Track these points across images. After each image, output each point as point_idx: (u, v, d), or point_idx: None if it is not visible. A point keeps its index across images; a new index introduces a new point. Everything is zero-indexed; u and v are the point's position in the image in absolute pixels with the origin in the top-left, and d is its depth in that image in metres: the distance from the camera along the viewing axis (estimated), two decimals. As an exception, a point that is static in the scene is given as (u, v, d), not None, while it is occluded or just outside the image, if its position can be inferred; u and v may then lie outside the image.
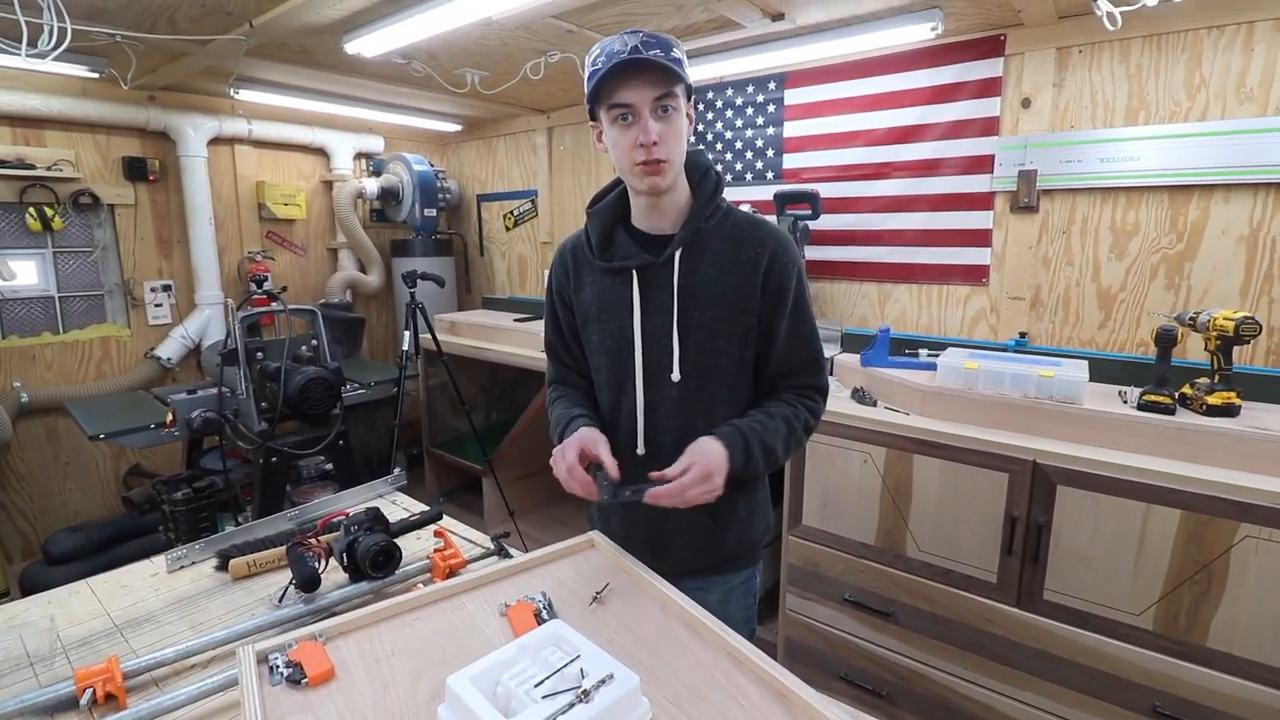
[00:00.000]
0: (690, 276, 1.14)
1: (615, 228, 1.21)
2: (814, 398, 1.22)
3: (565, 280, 1.27)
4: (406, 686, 0.79)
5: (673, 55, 1.04)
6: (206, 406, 2.49)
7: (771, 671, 0.78)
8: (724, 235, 1.15)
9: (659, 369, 1.17)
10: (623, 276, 1.18)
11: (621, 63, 1.00)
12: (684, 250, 1.14)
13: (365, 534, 1.18)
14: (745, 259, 1.14)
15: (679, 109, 1.07)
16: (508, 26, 2.24)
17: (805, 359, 1.20)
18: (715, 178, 1.19)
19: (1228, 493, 1.47)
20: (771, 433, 1.13)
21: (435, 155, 4.48)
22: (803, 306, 1.18)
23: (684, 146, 1.11)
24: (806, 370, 1.21)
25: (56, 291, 3.15)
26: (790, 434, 1.16)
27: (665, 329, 1.15)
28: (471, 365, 3.61)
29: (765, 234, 1.16)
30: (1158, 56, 2.00)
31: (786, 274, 1.15)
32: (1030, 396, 1.81)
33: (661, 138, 1.05)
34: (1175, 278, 2.05)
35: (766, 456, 1.12)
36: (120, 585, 1.22)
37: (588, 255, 1.23)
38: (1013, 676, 1.79)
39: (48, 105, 2.90)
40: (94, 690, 0.87)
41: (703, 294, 1.14)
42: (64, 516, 3.21)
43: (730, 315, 1.15)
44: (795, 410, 1.18)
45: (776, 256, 1.14)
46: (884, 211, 2.57)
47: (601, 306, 1.21)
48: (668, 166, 1.08)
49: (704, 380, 1.16)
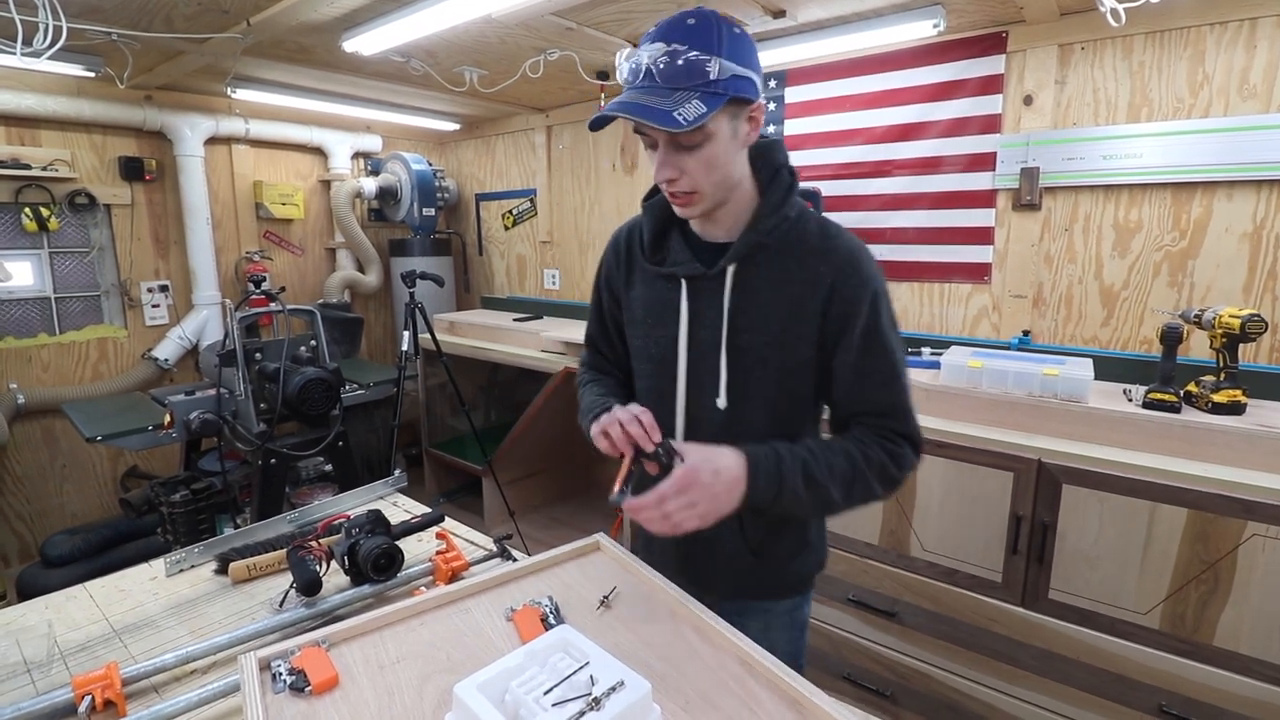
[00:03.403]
0: (744, 293, 1.00)
1: (670, 227, 1.09)
2: (896, 440, 0.98)
3: (616, 271, 1.16)
4: (412, 694, 0.78)
5: (707, 79, 0.86)
6: (204, 408, 2.47)
7: (784, 676, 0.77)
8: (788, 247, 1.00)
9: (703, 391, 1.05)
10: (672, 283, 1.06)
11: (620, 105, 0.88)
12: (739, 264, 1.00)
13: (366, 536, 1.16)
14: (805, 279, 0.98)
15: (711, 136, 0.90)
16: (507, 24, 2.22)
17: (880, 402, 0.99)
18: (788, 179, 1.02)
19: (1234, 491, 1.47)
20: (823, 465, 0.93)
21: (434, 154, 4.47)
22: (876, 338, 0.98)
23: (723, 171, 0.95)
24: (884, 415, 1.00)
25: (52, 292, 3.13)
26: (854, 473, 0.94)
27: (712, 348, 1.03)
28: (471, 365, 3.60)
29: (834, 248, 0.98)
30: (1160, 53, 1.99)
31: (855, 298, 0.97)
32: (1035, 395, 1.80)
33: (685, 170, 0.92)
34: (1178, 275, 2.04)
35: (812, 493, 0.92)
36: (118, 589, 1.20)
37: (639, 252, 1.12)
38: (1018, 676, 1.78)
39: (43, 105, 2.88)
40: (92, 697, 0.85)
41: (755, 314, 1.00)
42: (61, 519, 3.19)
43: (782, 341, 1.00)
44: (866, 448, 0.97)
45: (844, 277, 0.97)
46: (885, 209, 2.56)
47: (648, 310, 1.10)
48: (697, 198, 0.96)
49: (751, 410, 1.03)
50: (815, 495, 0.93)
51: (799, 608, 1.18)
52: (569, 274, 3.92)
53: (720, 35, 0.87)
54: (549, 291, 4.04)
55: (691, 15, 0.88)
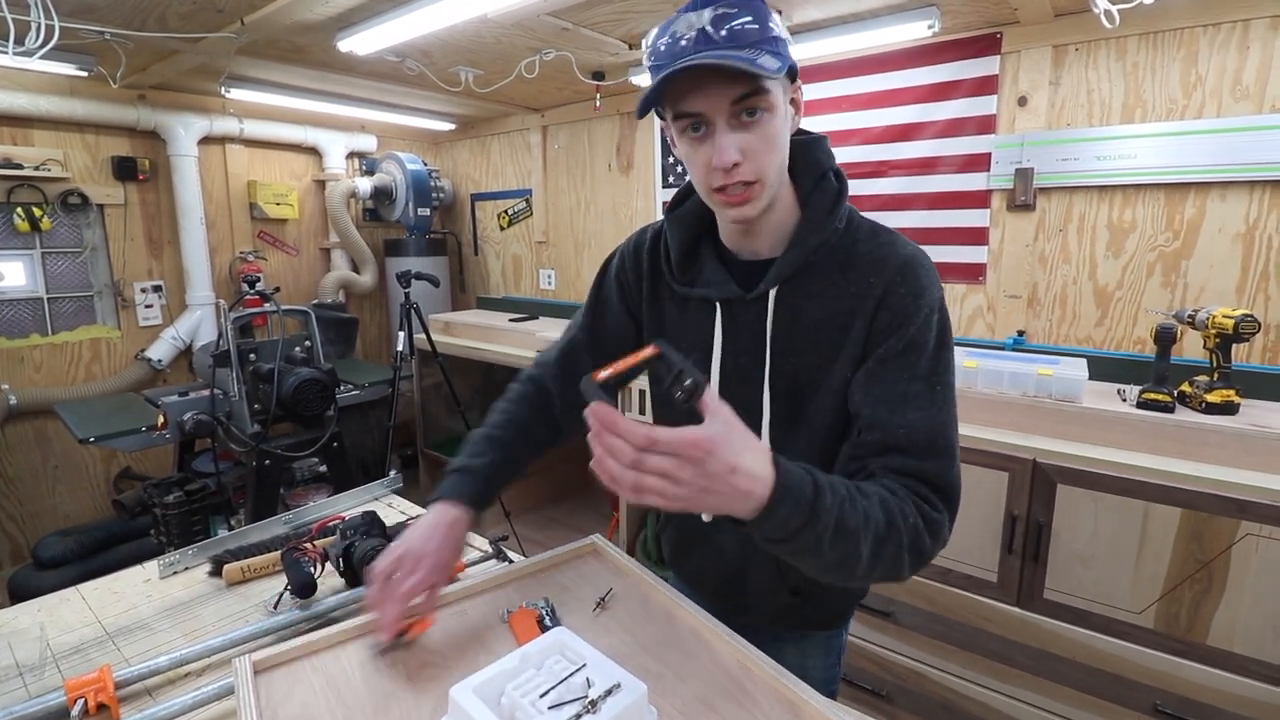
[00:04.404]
0: (787, 316, 0.88)
1: (700, 242, 0.95)
2: (931, 501, 0.77)
3: (636, 283, 1.03)
4: (408, 697, 0.78)
5: (768, 35, 0.76)
6: (198, 409, 2.46)
7: (782, 679, 0.77)
8: (836, 259, 0.87)
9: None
10: (705, 306, 0.93)
11: (685, 69, 0.74)
12: (780, 286, 0.88)
13: (362, 538, 1.16)
14: (855, 291, 0.85)
15: (773, 108, 0.78)
16: (503, 24, 2.22)
17: (917, 436, 0.78)
18: (835, 185, 0.90)
19: (1228, 490, 1.47)
20: (859, 510, 0.70)
21: (429, 154, 4.46)
22: (920, 357, 0.81)
23: (782, 155, 0.83)
24: (921, 454, 0.78)
25: (45, 293, 3.11)
26: (888, 530, 0.71)
27: (752, 376, 0.90)
28: (466, 365, 3.59)
29: (887, 254, 0.86)
30: (1154, 54, 2.00)
31: (905, 309, 0.82)
32: (1030, 395, 1.81)
33: (747, 152, 0.78)
34: (1172, 275, 2.05)
35: (839, 540, 0.68)
36: (111, 591, 1.19)
37: (665, 269, 0.98)
38: (1013, 676, 1.79)
39: (35, 104, 2.86)
40: (85, 701, 0.84)
41: (803, 336, 0.87)
42: (53, 520, 3.17)
43: (829, 364, 0.86)
44: (902, 503, 0.74)
45: (894, 287, 0.83)
46: (880, 210, 2.56)
47: (677, 335, 0.97)
48: (759, 189, 0.81)
49: (798, 441, 0.89)
50: (842, 545, 0.69)
51: (836, 636, 1.10)
52: (564, 274, 3.91)
53: (763, 4, 0.79)
54: (544, 292, 4.03)
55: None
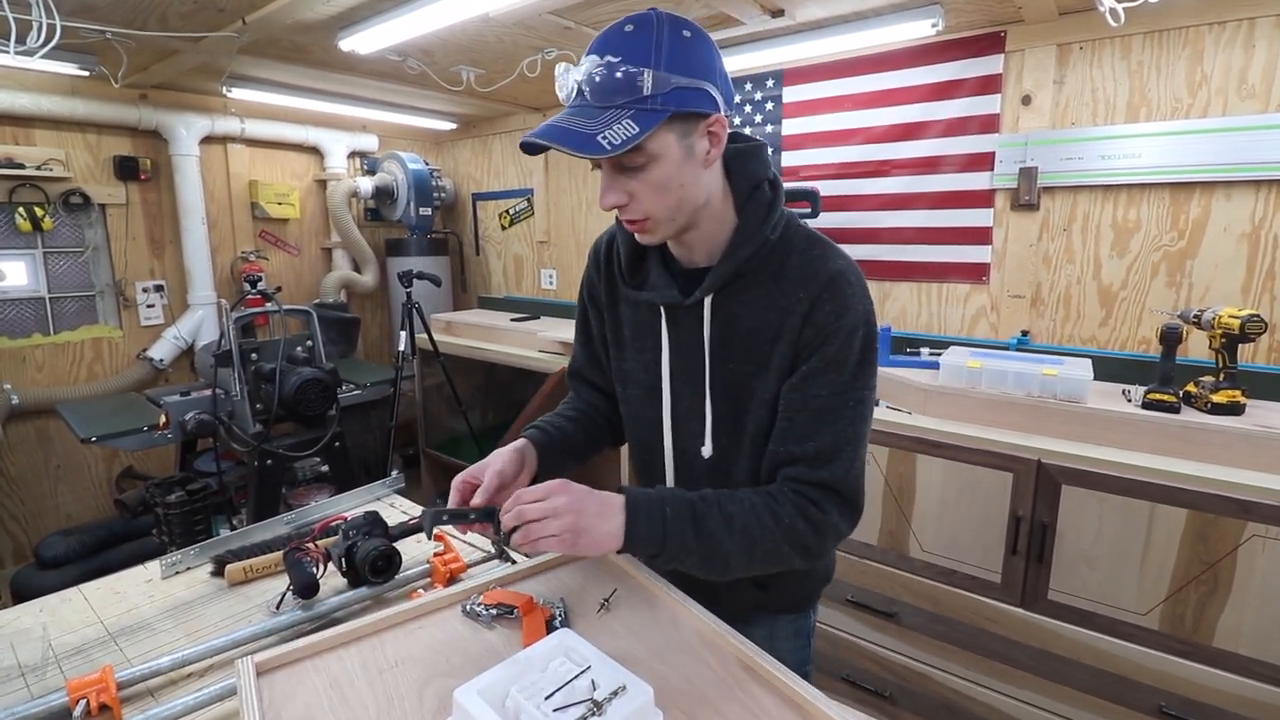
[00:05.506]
0: (725, 323, 0.92)
1: (648, 248, 0.98)
2: (818, 502, 0.86)
3: (598, 284, 1.07)
4: (412, 699, 0.77)
5: (639, 94, 0.75)
6: (200, 408, 2.46)
7: (787, 680, 0.76)
8: (769, 268, 0.90)
9: (690, 419, 0.98)
10: (652, 311, 0.98)
11: (544, 130, 0.77)
12: (716, 294, 0.91)
13: (364, 538, 1.15)
14: (784, 304, 0.88)
15: (657, 157, 0.80)
16: (504, 23, 2.21)
17: (819, 447, 0.86)
18: (769, 195, 0.91)
19: (1234, 491, 1.46)
20: (717, 514, 0.84)
21: (430, 154, 4.45)
22: (840, 373, 0.86)
23: (678, 194, 0.84)
24: (816, 463, 0.86)
25: (47, 292, 3.11)
26: (759, 529, 0.84)
27: (696, 377, 0.96)
28: (468, 365, 3.59)
29: (817, 269, 0.87)
30: (1159, 53, 1.99)
31: (828, 326, 0.85)
32: (1034, 395, 1.80)
33: (634, 195, 0.82)
34: (1177, 275, 2.04)
35: (703, 543, 0.83)
36: (114, 591, 1.19)
37: (618, 273, 1.02)
38: (1016, 677, 1.78)
39: (37, 104, 2.86)
40: (87, 701, 0.84)
41: (737, 344, 0.92)
42: (56, 519, 3.17)
43: (762, 373, 0.91)
44: (776, 505, 0.85)
45: (820, 303, 0.85)
46: (884, 209, 2.55)
47: (635, 333, 1.03)
48: (652, 224, 0.86)
49: (740, 444, 0.95)
50: (707, 547, 0.83)
51: (805, 617, 1.14)
52: (566, 274, 3.91)
53: (659, 43, 0.76)
54: (546, 291, 4.03)
55: (631, 21, 0.78)
